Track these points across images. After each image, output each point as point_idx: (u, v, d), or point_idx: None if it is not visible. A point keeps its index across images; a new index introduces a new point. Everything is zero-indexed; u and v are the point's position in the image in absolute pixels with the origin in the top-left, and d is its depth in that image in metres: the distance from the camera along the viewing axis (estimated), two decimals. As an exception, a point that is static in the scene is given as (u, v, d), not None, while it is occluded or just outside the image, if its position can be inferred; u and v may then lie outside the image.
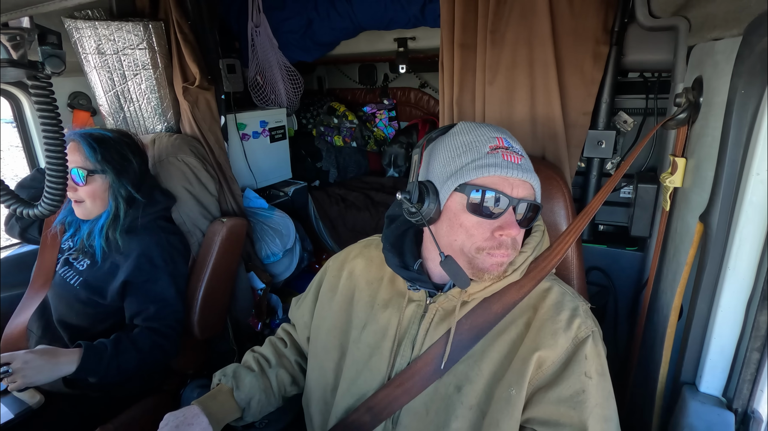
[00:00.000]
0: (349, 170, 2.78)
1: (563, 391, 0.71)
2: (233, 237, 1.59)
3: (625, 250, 1.35)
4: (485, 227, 0.73)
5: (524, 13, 1.15)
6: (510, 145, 0.75)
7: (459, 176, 0.72)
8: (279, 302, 2.06)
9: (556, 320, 0.75)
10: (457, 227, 0.74)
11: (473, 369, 0.76)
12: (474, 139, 0.75)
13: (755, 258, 0.70)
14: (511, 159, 0.72)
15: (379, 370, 0.82)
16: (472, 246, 0.73)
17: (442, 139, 0.80)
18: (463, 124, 0.80)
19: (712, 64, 0.83)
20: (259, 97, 2.12)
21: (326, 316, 0.94)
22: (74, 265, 1.35)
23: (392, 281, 0.88)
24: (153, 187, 1.44)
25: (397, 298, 0.86)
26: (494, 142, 0.74)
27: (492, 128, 0.78)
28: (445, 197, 0.74)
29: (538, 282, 0.79)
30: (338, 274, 0.96)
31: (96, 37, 1.56)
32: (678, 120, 0.92)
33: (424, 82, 2.87)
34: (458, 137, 0.77)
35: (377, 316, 0.85)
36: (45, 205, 0.74)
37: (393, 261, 0.83)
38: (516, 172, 0.72)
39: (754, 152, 0.66)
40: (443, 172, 0.75)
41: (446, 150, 0.77)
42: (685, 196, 0.94)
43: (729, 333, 0.75)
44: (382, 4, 1.68)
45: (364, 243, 1.00)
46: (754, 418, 0.73)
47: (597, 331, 0.76)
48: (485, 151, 0.73)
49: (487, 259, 0.73)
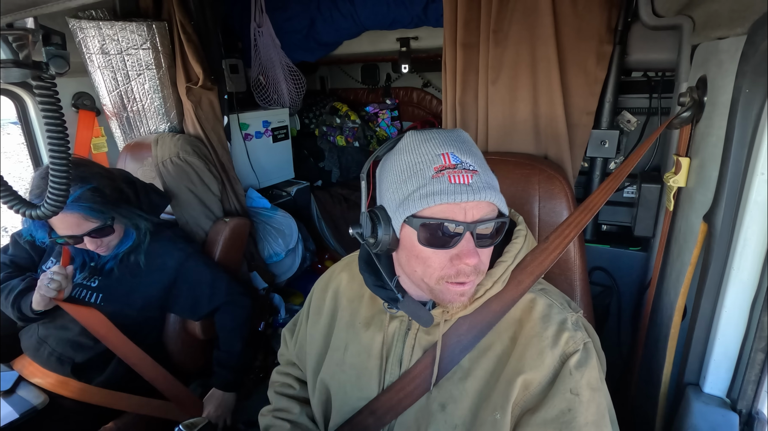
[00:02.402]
0: (352, 170, 2.78)
1: (548, 412, 0.67)
2: (236, 237, 1.60)
3: (628, 250, 1.35)
4: (441, 256, 0.66)
5: (527, 12, 1.15)
6: (459, 160, 0.65)
7: (405, 207, 0.65)
8: (281, 302, 2.06)
9: (543, 337, 0.70)
10: (414, 258, 0.68)
11: (458, 387, 0.73)
12: (417, 160, 0.66)
13: (760, 259, 0.70)
14: (459, 180, 0.64)
15: (370, 390, 0.79)
16: (431, 277, 0.68)
17: (388, 158, 0.72)
18: (409, 136, 0.70)
19: (716, 63, 0.82)
20: (261, 97, 2.13)
21: (312, 340, 0.91)
22: (87, 284, 1.35)
23: (373, 298, 0.85)
24: (148, 193, 1.44)
25: (379, 315, 0.83)
26: (439, 161, 0.65)
27: (441, 140, 0.68)
28: (398, 228, 0.68)
29: (528, 287, 0.75)
30: (323, 296, 0.93)
31: (100, 37, 1.57)
32: (682, 119, 0.92)
33: (427, 82, 2.87)
34: (402, 157, 0.68)
35: (359, 336, 0.82)
36: (48, 206, 0.74)
37: (369, 281, 0.79)
38: (465, 195, 0.63)
39: (759, 152, 0.66)
40: (392, 200, 0.68)
41: (392, 173, 0.69)
42: (689, 195, 0.94)
43: (733, 333, 0.75)
44: (385, 4, 1.68)
45: (347, 260, 0.96)
46: (759, 419, 0.73)
47: (590, 342, 0.71)
48: (429, 175, 0.64)
49: (448, 290, 0.68)
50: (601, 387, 0.69)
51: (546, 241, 0.81)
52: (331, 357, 0.85)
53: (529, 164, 1.07)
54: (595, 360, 0.70)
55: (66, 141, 0.71)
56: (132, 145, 1.71)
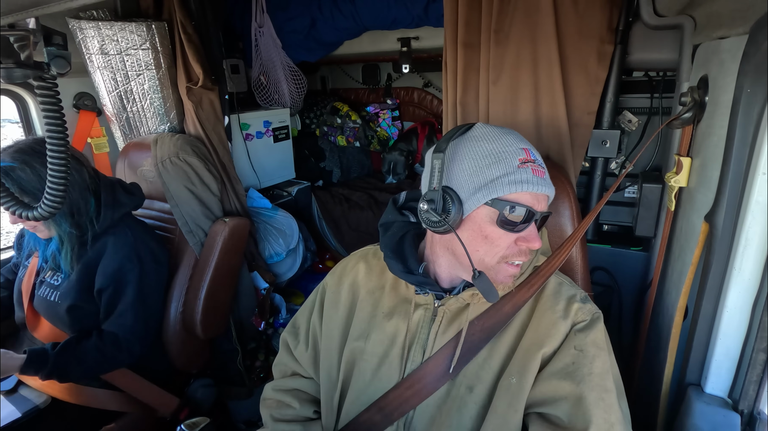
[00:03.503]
0: (353, 170, 2.78)
1: (554, 365, 0.73)
2: (236, 237, 1.60)
3: (629, 250, 1.35)
4: (509, 238, 0.73)
5: (528, 12, 1.15)
6: (535, 157, 0.74)
7: (490, 190, 0.71)
8: (282, 302, 2.07)
9: (555, 310, 0.77)
10: (481, 239, 0.73)
11: (483, 368, 0.77)
12: (502, 149, 0.73)
13: (761, 259, 0.70)
14: (539, 174, 0.72)
15: (390, 378, 0.81)
16: (495, 256, 0.74)
17: (462, 143, 0.76)
18: (483, 127, 0.77)
19: (717, 62, 0.82)
20: (262, 97, 2.13)
21: (330, 334, 0.91)
22: (49, 282, 1.34)
23: (395, 288, 0.87)
24: (114, 189, 1.34)
25: (402, 305, 0.85)
26: (522, 154, 0.72)
27: (515, 137, 0.76)
28: (471, 208, 0.73)
29: (546, 278, 0.80)
30: (337, 289, 0.94)
31: (99, 38, 1.57)
32: (683, 119, 0.91)
33: (428, 82, 2.87)
34: (483, 144, 0.74)
35: (382, 326, 0.84)
36: (45, 206, 0.74)
37: (397, 268, 0.82)
38: (544, 188, 0.72)
39: (761, 151, 0.66)
40: (470, 183, 0.72)
41: (471, 158, 0.73)
42: (691, 195, 0.93)
43: (735, 333, 0.75)
44: (386, 4, 1.68)
45: (360, 254, 0.98)
46: (760, 419, 0.73)
47: (599, 314, 0.78)
48: (515, 164, 0.71)
49: (505, 270, 0.75)
50: (606, 348, 0.74)
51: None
52: (351, 348, 0.86)
53: (530, 164, 1.07)
54: (601, 326, 0.76)
55: (66, 142, 0.71)
56: (131, 145, 1.71)
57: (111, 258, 1.29)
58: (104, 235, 1.31)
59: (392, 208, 0.89)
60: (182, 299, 1.54)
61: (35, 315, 1.36)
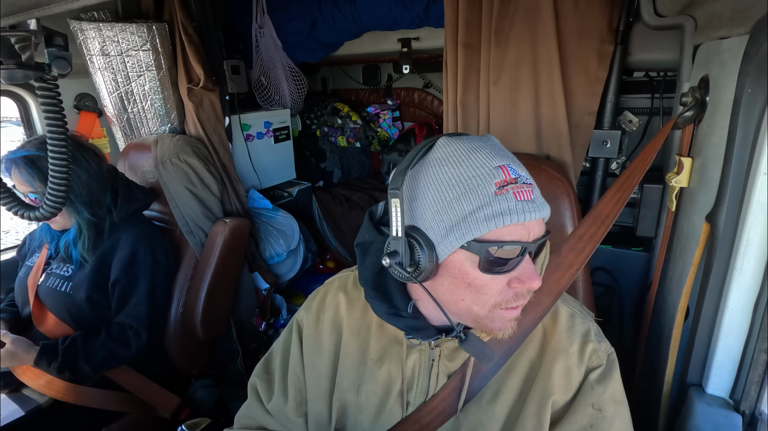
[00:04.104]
0: (353, 170, 2.78)
1: (570, 427, 0.64)
2: (236, 238, 1.60)
3: (630, 251, 1.34)
4: (499, 281, 0.59)
5: (529, 13, 1.15)
6: (517, 174, 0.58)
7: (463, 230, 0.56)
8: (283, 302, 2.07)
9: (569, 353, 0.67)
10: (464, 286, 0.60)
11: (486, 411, 0.69)
12: (471, 173, 0.57)
13: (762, 259, 0.70)
14: (524, 196, 0.56)
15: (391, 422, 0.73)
16: (485, 305, 0.60)
17: (423, 170, 0.60)
18: (448, 144, 0.60)
19: (718, 62, 0.82)
20: (263, 97, 2.13)
21: (317, 383, 0.79)
22: (58, 273, 1.37)
23: (382, 327, 0.76)
24: (129, 185, 1.45)
25: (393, 347, 0.74)
26: (499, 175, 0.56)
27: (489, 150, 0.59)
28: (446, 254, 0.58)
29: (557, 296, 0.71)
30: (317, 329, 0.80)
31: (100, 39, 1.57)
32: (684, 119, 0.91)
33: (428, 82, 2.87)
34: (447, 170, 0.58)
35: (373, 374, 0.73)
36: (47, 207, 0.74)
37: (381, 309, 0.68)
38: (534, 213, 0.56)
39: (761, 151, 0.66)
40: (438, 222, 0.58)
41: (436, 189, 0.58)
42: (692, 195, 0.93)
43: (736, 334, 0.75)
44: (386, 5, 1.68)
45: (338, 282, 0.84)
46: (762, 420, 0.73)
47: (614, 353, 0.69)
48: (491, 192, 0.56)
49: (501, 317, 0.61)
50: (624, 400, 0.67)
51: (559, 255, 0.78)
52: (341, 399, 0.76)
53: (532, 164, 1.07)
54: (618, 372, 0.68)
55: (67, 142, 0.72)
56: (132, 146, 1.71)
57: (125, 249, 1.35)
58: (119, 228, 1.37)
59: (369, 224, 0.70)
60: (183, 299, 1.54)
61: (41, 308, 1.38)
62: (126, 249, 1.35)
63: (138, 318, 1.35)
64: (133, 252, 1.35)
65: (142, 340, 1.35)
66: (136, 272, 1.36)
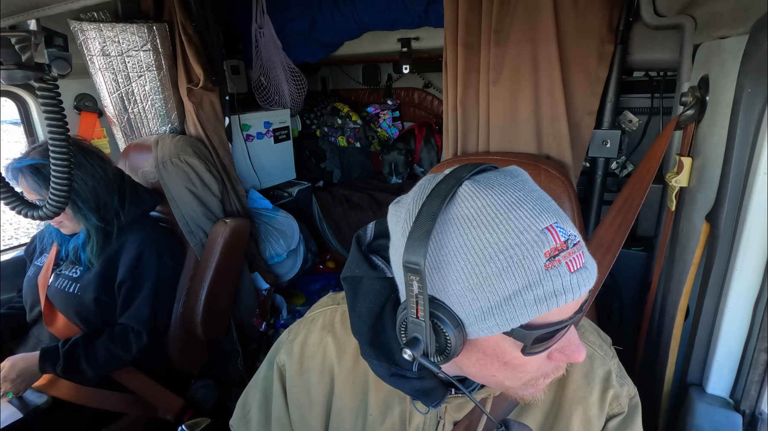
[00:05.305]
0: (353, 170, 2.78)
1: None
2: (236, 238, 1.60)
3: (630, 250, 1.34)
4: (540, 357, 0.51)
5: (528, 12, 1.15)
6: (566, 234, 0.46)
7: (507, 315, 0.45)
8: (283, 302, 2.07)
9: (589, 403, 0.62)
10: (498, 365, 0.51)
11: None
12: (514, 241, 0.44)
13: (762, 259, 0.70)
14: (577, 264, 0.46)
15: None
16: (519, 381, 0.53)
17: (447, 229, 0.47)
18: (476, 193, 0.46)
19: (718, 62, 0.82)
20: (263, 98, 2.13)
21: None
22: (67, 274, 1.38)
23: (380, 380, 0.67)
24: (136, 188, 1.46)
25: (394, 399, 0.67)
26: (548, 241, 0.44)
27: (530, 203, 0.46)
28: (479, 335, 0.48)
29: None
30: (303, 377, 0.71)
31: (100, 39, 1.57)
32: (684, 119, 0.91)
33: (428, 82, 2.87)
34: (481, 233, 0.45)
35: (375, 429, 0.67)
36: (51, 206, 0.74)
37: (382, 371, 0.58)
38: (586, 285, 0.46)
39: (761, 151, 0.66)
40: (471, 300, 0.46)
41: (466, 259, 0.46)
42: (692, 195, 0.93)
43: (736, 333, 0.75)
44: (386, 5, 1.68)
45: (322, 322, 0.73)
46: (762, 419, 0.73)
47: (636, 396, 0.65)
48: (541, 265, 0.44)
49: (536, 387, 0.54)
50: None
51: None
52: None
53: (532, 164, 1.07)
54: (639, 417, 0.64)
55: (68, 143, 0.72)
56: (132, 147, 1.71)
57: (132, 251, 1.36)
58: (127, 231, 1.39)
59: (357, 252, 0.60)
60: (183, 300, 1.54)
61: (51, 309, 1.38)
62: (132, 251, 1.36)
63: (140, 319, 1.35)
64: (139, 254, 1.36)
65: (143, 342, 1.35)
66: (141, 274, 1.37)
